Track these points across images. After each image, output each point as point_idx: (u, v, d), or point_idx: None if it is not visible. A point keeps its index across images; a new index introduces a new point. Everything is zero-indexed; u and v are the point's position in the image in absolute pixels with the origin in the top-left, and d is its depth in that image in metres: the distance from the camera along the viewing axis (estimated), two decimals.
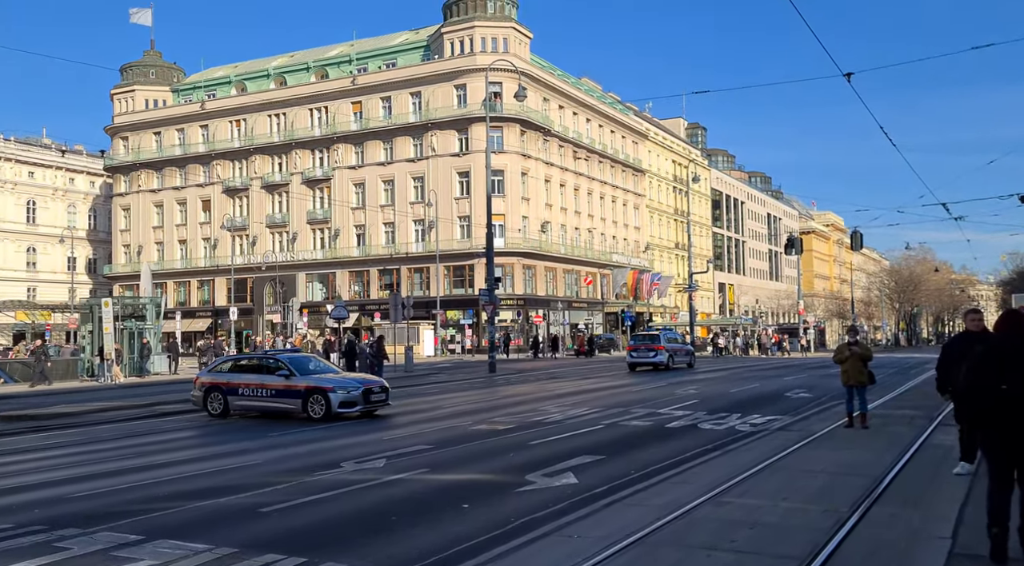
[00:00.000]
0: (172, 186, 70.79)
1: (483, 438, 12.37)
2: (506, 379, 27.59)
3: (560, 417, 15.08)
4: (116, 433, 14.79)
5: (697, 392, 20.58)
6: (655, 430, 13.27)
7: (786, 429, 13.26)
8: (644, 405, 17.10)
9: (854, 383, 13.21)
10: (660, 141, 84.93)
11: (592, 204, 70.98)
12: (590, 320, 67.50)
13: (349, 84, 64.53)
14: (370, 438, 12.71)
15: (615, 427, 13.64)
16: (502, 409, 17.00)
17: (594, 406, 17.06)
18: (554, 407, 17.10)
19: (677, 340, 32.91)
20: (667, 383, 23.85)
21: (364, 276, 64.15)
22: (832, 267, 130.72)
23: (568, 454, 10.43)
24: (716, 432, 12.96)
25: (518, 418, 15.06)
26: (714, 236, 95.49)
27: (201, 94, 72.34)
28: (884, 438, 11.93)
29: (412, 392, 22.40)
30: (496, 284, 31.69)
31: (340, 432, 13.72)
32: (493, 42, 61.80)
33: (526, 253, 60.85)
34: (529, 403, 18.24)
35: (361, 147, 64.17)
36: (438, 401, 19.49)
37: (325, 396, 15.11)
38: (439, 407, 17.97)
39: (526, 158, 61.93)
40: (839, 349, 13.68)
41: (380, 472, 9.36)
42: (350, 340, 29.95)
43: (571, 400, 18.77)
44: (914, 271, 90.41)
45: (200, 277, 69.45)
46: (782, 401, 18.13)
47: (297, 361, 16.33)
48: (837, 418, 13.76)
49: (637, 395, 20.07)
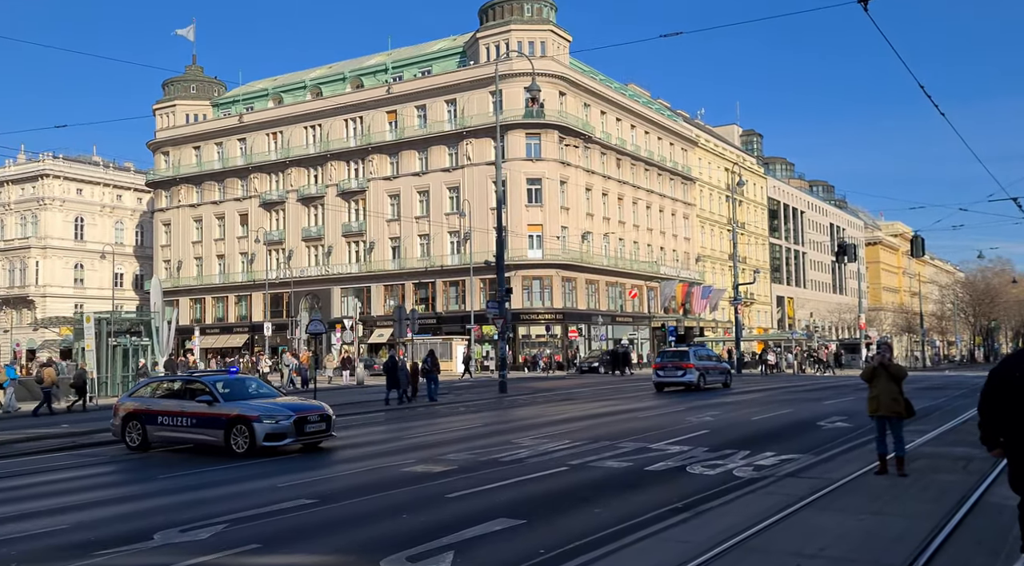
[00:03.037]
0: (211, 200, 70.35)
1: (399, 486, 9.78)
2: (512, 401, 24.92)
3: (524, 455, 12.40)
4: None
5: (714, 419, 17.60)
6: (628, 475, 10.49)
7: (797, 475, 10.33)
8: (639, 437, 14.27)
9: (886, 413, 10.25)
10: (711, 148, 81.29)
11: (638, 214, 67.83)
12: (635, 335, 64.18)
13: (384, 93, 63.04)
14: (260, 485, 10.24)
15: (580, 470, 10.90)
16: (468, 442, 14.38)
17: (577, 439, 14.31)
18: (530, 439, 14.42)
19: (711, 357, 29.69)
20: (686, 408, 20.85)
21: (399, 290, 62.26)
22: (901, 279, 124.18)
23: (479, 517, 7.78)
24: (705, 479, 10.12)
25: (474, 455, 12.45)
26: (771, 247, 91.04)
27: (240, 108, 71.92)
28: (926, 492, 8.97)
29: (389, 417, 19.96)
30: (507, 295, 29.05)
31: (241, 474, 11.31)
32: (531, 46, 59.52)
33: (565, 265, 58.08)
34: (506, 434, 15.59)
35: (396, 157, 62.51)
36: (406, 431, 16.98)
37: (249, 426, 12.75)
38: (399, 438, 15.47)
39: (565, 166, 59.30)
40: (866, 369, 10.73)
41: (188, 552, 6.84)
42: (391, 356, 28.02)
43: (558, 430, 16.06)
44: (990, 283, 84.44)
45: (237, 292, 68.63)
46: (810, 432, 15.06)
47: (227, 384, 14.02)
48: (871, 458, 10.74)
49: (641, 423, 17.21)
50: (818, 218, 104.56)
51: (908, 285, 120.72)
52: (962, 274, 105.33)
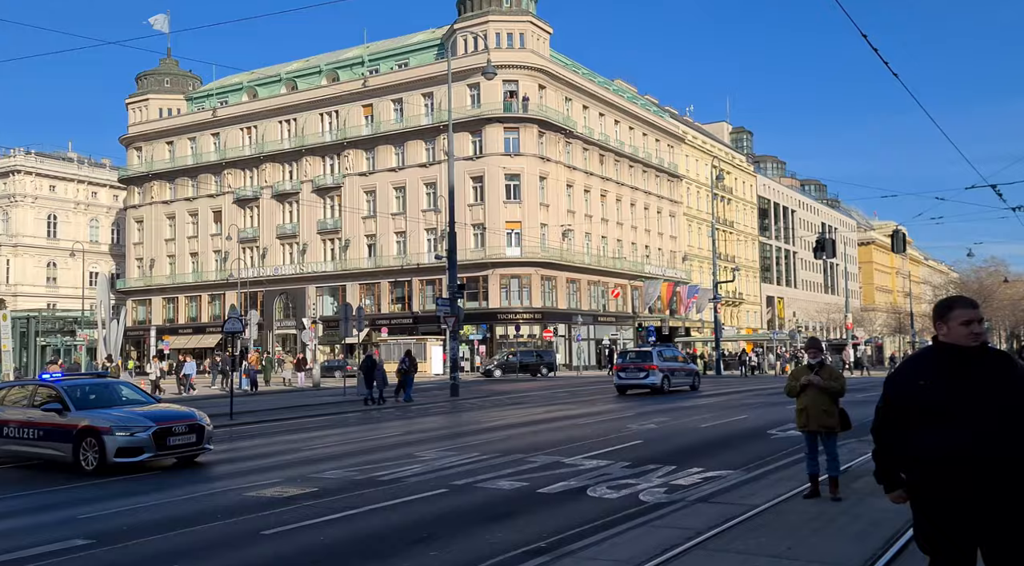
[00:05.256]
0: (184, 197, 68.63)
1: (221, 517, 8.08)
2: (457, 406, 23.29)
3: (411, 473, 10.72)
4: None
5: (658, 426, 15.94)
6: (509, 501, 8.82)
7: (711, 499, 8.66)
8: (559, 449, 12.60)
9: (816, 428, 8.60)
10: (699, 145, 79.61)
11: (622, 211, 66.15)
12: (617, 335, 62.49)
13: (360, 86, 61.36)
14: (49, 518, 8.53)
15: (459, 494, 9.24)
16: (364, 456, 12.72)
17: (489, 451, 12.64)
18: (435, 452, 12.75)
19: (677, 358, 27.99)
20: (636, 413, 19.20)
21: (375, 289, 60.61)
22: (894, 280, 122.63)
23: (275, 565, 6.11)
24: (601, 505, 8.45)
25: (355, 472, 10.78)
26: (761, 246, 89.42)
27: (214, 102, 70.21)
28: (854, 524, 7.32)
29: (298, 426, 18.30)
30: (460, 292, 27.38)
31: (56, 500, 9.61)
32: (509, 38, 57.85)
33: (545, 263, 56.42)
34: (416, 445, 13.92)
35: (372, 153, 60.84)
36: (312, 440, 15.30)
37: (100, 439, 11.07)
38: (295, 450, 13.79)
39: (545, 161, 57.65)
40: (793, 374, 9.07)
41: None
42: (368, 356, 27.45)
43: (478, 440, 14.41)
44: (984, 283, 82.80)
45: (211, 291, 66.89)
46: (756, 443, 13.39)
47: (88, 389, 12.34)
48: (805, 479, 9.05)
49: (577, 431, 15.54)
50: (809, 217, 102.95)
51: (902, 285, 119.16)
52: (956, 274, 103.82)
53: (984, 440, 3.50)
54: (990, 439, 3.50)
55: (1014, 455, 3.50)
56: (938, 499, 3.61)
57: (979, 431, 3.51)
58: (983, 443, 3.50)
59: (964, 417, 3.55)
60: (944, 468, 3.57)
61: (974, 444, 3.51)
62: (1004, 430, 3.51)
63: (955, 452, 3.54)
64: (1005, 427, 3.51)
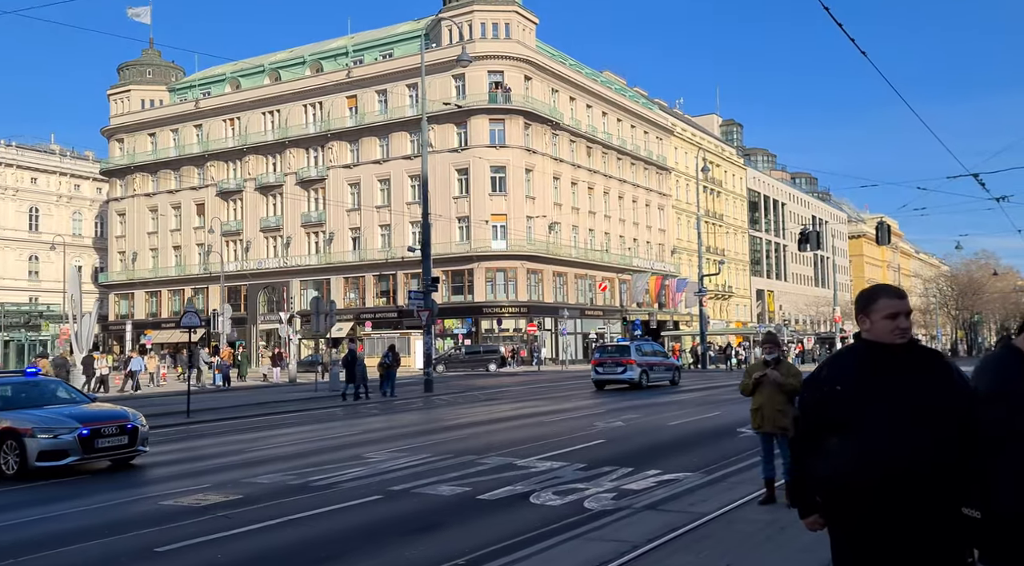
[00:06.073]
0: (166, 190, 67.74)
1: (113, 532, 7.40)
2: (430, 402, 22.70)
3: (351, 476, 10.10)
4: None
5: (625, 424, 15.36)
6: (445, 508, 8.20)
7: (659, 507, 8.08)
8: (513, 451, 11.99)
9: (771, 429, 8.05)
10: (688, 137, 78.96)
11: (610, 204, 65.51)
12: (605, 329, 61.88)
13: (344, 77, 60.48)
14: None
15: (393, 500, 8.63)
16: (308, 457, 12.09)
17: (441, 452, 12.04)
18: (386, 453, 12.14)
19: (656, 353, 27.39)
20: (608, 409, 18.63)
21: (360, 282, 59.91)
22: (885, 273, 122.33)
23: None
24: (541, 513, 7.84)
25: (291, 476, 10.15)
26: (751, 240, 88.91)
27: (196, 93, 69.26)
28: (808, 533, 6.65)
29: (255, 424, 17.66)
30: (434, 285, 26.74)
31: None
32: (494, 28, 57.07)
33: (531, 256, 55.78)
34: (367, 445, 13.31)
35: (356, 144, 60.05)
36: (256, 441, 14.66)
37: (20, 442, 10.42)
38: (238, 452, 13.15)
39: (531, 153, 56.96)
40: (748, 370, 8.52)
41: None
42: (351, 350, 26.56)
43: (434, 439, 13.82)
44: (974, 276, 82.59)
45: (194, 285, 66.08)
46: (723, 441, 12.82)
47: (16, 388, 11.68)
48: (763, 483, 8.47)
49: (542, 429, 14.95)
50: (800, 210, 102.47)
51: (893, 279, 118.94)
52: (947, 267, 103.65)
53: (907, 454, 2.92)
54: (915, 453, 2.91)
55: (940, 471, 2.91)
56: (856, 525, 3.03)
57: (899, 444, 2.93)
58: (904, 458, 2.91)
59: (881, 428, 2.96)
60: (860, 488, 2.98)
61: (891, 459, 2.92)
62: (932, 444, 2.92)
63: (872, 469, 2.95)
64: (931, 439, 2.92)
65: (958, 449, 2.94)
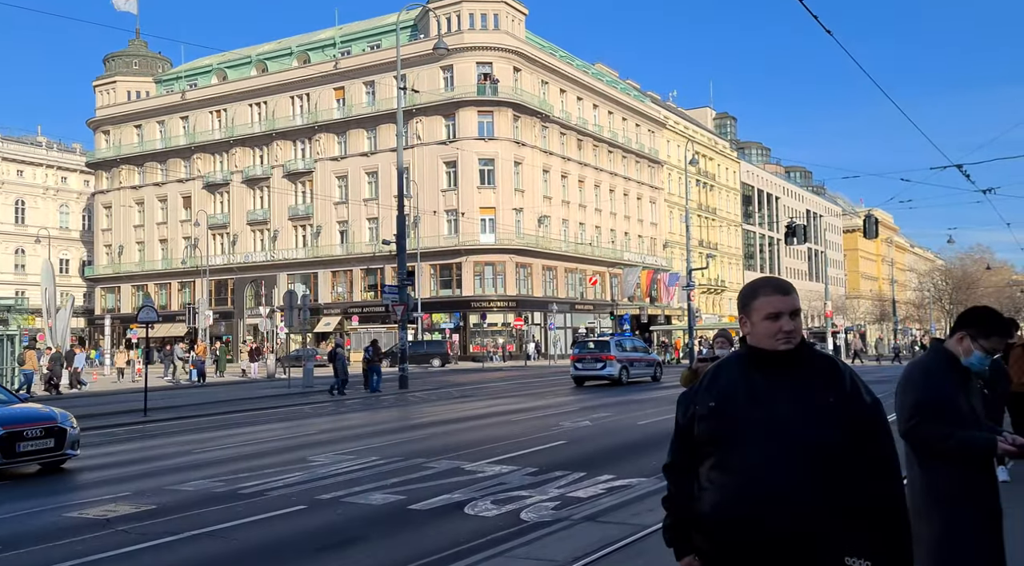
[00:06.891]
0: (153, 182, 67.00)
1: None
2: (403, 400, 22.10)
3: (285, 483, 9.50)
4: None
5: (592, 423, 14.78)
6: (369, 521, 7.60)
7: (600, 517, 7.50)
8: (465, 453, 11.40)
9: None
10: (680, 130, 78.30)
11: (601, 197, 64.89)
12: (595, 323, 61.35)
13: (331, 69, 59.77)
14: None
15: (317, 510, 8.02)
16: (249, 460, 11.50)
17: (390, 455, 11.44)
18: (332, 455, 11.55)
19: (637, 348, 26.81)
20: (580, 407, 18.04)
21: (348, 276, 59.27)
22: (880, 267, 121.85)
23: None
24: (472, 525, 7.25)
25: (220, 483, 9.55)
26: (745, 234, 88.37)
27: (183, 85, 68.47)
28: None
29: (212, 423, 17.04)
30: (409, 279, 26.13)
31: None
32: (483, 19, 56.30)
33: (520, 250, 55.17)
34: (318, 447, 12.71)
35: (344, 137, 59.34)
36: (203, 442, 14.05)
37: None
38: (178, 455, 12.53)
39: (520, 146, 56.29)
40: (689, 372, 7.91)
41: None
42: (337, 344, 27.85)
43: (383, 441, 13.22)
44: (967, 270, 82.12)
45: (180, 279, 65.43)
46: None
47: None
48: None
49: (508, 428, 14.37)
50: (794, 204, 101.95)
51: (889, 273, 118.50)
52: (941, 261, 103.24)
53: (783, 492, 2.33)
54: (793, 491, 2.33)
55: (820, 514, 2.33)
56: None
57: (774, 475, 2.34)
58: (778, 497, 2.33)
59: (756, 456, 2.38)
60: (734, 529, 2.40)
61: (768, 495, 2.34)
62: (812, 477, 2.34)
63: (745, 505, 2.37)
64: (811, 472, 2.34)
65: (848, 485, 2.36)
